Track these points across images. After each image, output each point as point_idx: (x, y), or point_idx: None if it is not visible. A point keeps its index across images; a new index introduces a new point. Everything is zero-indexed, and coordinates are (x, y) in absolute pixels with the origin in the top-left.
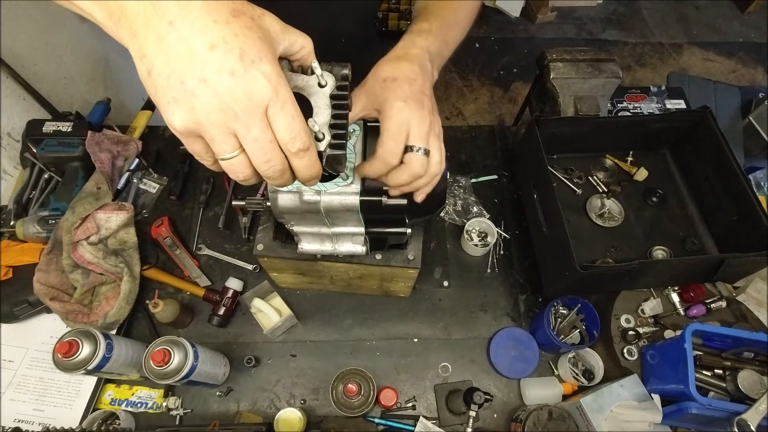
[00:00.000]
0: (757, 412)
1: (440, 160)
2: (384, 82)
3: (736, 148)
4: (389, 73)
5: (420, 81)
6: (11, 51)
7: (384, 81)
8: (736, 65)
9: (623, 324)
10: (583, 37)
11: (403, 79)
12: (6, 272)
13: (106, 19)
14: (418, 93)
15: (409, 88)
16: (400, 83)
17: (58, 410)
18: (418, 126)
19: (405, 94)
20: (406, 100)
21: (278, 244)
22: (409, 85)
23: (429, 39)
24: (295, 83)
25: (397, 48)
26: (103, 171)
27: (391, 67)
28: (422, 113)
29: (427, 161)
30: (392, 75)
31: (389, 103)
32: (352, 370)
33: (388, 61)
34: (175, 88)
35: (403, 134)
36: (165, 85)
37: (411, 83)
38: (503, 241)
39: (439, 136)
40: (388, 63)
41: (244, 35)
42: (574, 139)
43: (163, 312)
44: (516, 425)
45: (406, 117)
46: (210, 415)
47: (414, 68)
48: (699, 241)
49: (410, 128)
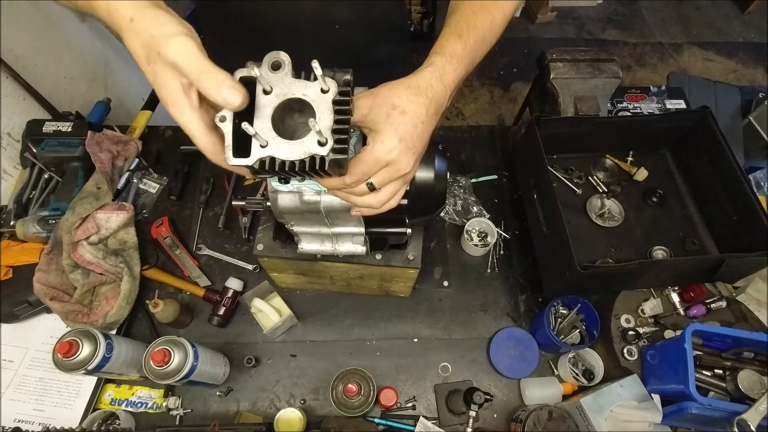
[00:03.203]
0: (757, 412)
1: (384, 201)
2: (393, 109)
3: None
4: (402, 104)
5: (425, 125)
6: (11, 51)
7: (393, 108)
8: (736, 65)
9: (623, 324)
10: (583, 37)
11: (412, 117)
12: (6, 272)
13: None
14: (417, 137)
15: (411, 129)
16: (406, 119)
17: (58, 410)
18: (392, 170)
19: (404, 133)
20: (402, 139)
21: (278, 244)
22: (413, 127)
23: (459, 69)
24: (299, 89)
25: (423, 76)
26: (103, 171)
27: (407, 97)
28: (406, 158)
29: (369, 194)
30: (404, 108)
31: (386, 134)
32: (352, 370)
33: (408, 88)
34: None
35: (375, 169)
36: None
37: (415, 126)
38: (503, 241)
39: (406, 181)
40: (406, 91)
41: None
42: (574, 139)
43: (163, 312)
44: (516, 425)
45: (391, 157)
46: (210, 415)
47: (429, 111)
48: (699, 241)
49: (385, 168)
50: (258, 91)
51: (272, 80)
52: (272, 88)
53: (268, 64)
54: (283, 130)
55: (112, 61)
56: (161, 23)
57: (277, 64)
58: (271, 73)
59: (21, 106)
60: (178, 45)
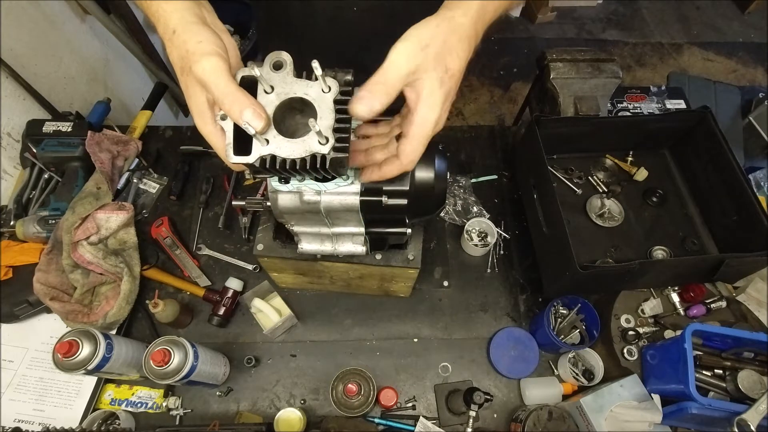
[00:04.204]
0: (757, 412)
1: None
2: (446, 73)
3: (736, 148)
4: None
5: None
6: (11, 51)
7: (446, 72)
8: (736, 65)
9: (623, 324)
10: (583, 37)
11: (458, 77)
12: (6, 272)
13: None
14: (455, 93)
15: (454, 89)
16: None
17: (58, 410)
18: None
19: (450, 95)
20: (446, 100)
21: (278, 244)
22: (456, 86)
23: (499, 9)
24: (300, 88)
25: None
26: (103, 171)
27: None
28: (446, 115)
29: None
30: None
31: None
32: (352, 370)
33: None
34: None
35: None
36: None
37: (458, 84)
38: (503, 241)
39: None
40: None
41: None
42: (574, 139)
43: (163, 312)
44: (516, 425)
45: (439, 123)
46: (210, 415)
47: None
48: (699, 241)
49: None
50: (259, 91)
51: (274, 80)
52: (273, 87)
53: (269, 64)
54: (285, 130)
55: (112, 61)
56: (198, 40)
57: (279, 64)
58: (272, 72)
59: (21, 106)
60: (208, 65)
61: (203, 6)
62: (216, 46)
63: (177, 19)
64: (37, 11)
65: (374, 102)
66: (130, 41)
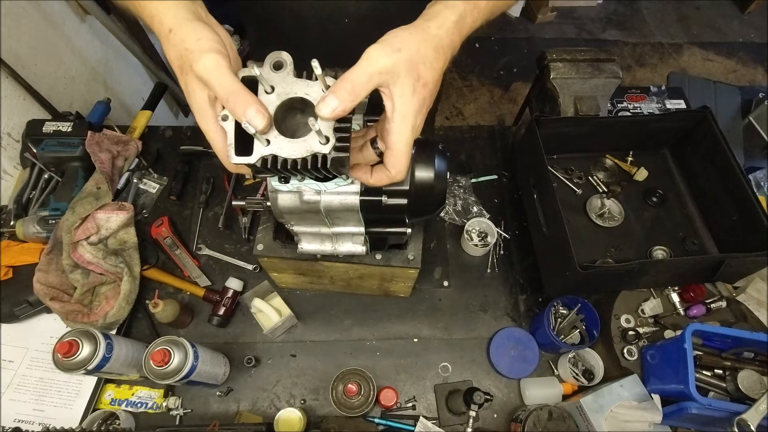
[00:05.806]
0: (757, 412)
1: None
2: (418, 81)
3: (736, 148)
4: (425, 75)
5: (437, 87)
6: (11, 51)
7: (418, 80)
8: (736, 65)
9: (623, 324)
10: (583, 37)
11: (432, 87)
12: (6, 272)
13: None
14: (430, 101)
15: (429, 99)
16: (427, 90)
17: (58, 410)
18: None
19: (424, 105)
20: (422, 110)
21: (278, 244)
22: (431, 96)
23: (477, 21)
24: (300, 88)
25: (447, 29)
26: (103, 171)
27: (431, 64)
28: (422, 122)
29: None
30: (426, 79)
31: (411, 110)
32: (352, 370)
33: (435, 50)
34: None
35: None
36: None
37: (432, 94)
38: (503, 241)
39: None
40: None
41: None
42: (574, 139)
43: (163, 312)
44: (516, 425)
45: (416, 131)
46: (210, 415)
47: (442, 72)
48: (699, 241)
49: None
50: (260, 91)
51: (274, 80)
52: (274, 87)
53: (269, 64)
54: (286, 130)
55: (112, 61)
56: (196, 38)
57: (279, 64)
58: (272, 72)
59: (21, 106)
60: (209, 62)
61: (197, 3)
62: (215, 42)
63: (172, 17)
64: (37, 11)
65: (337, 103)
66: (130, 41)
